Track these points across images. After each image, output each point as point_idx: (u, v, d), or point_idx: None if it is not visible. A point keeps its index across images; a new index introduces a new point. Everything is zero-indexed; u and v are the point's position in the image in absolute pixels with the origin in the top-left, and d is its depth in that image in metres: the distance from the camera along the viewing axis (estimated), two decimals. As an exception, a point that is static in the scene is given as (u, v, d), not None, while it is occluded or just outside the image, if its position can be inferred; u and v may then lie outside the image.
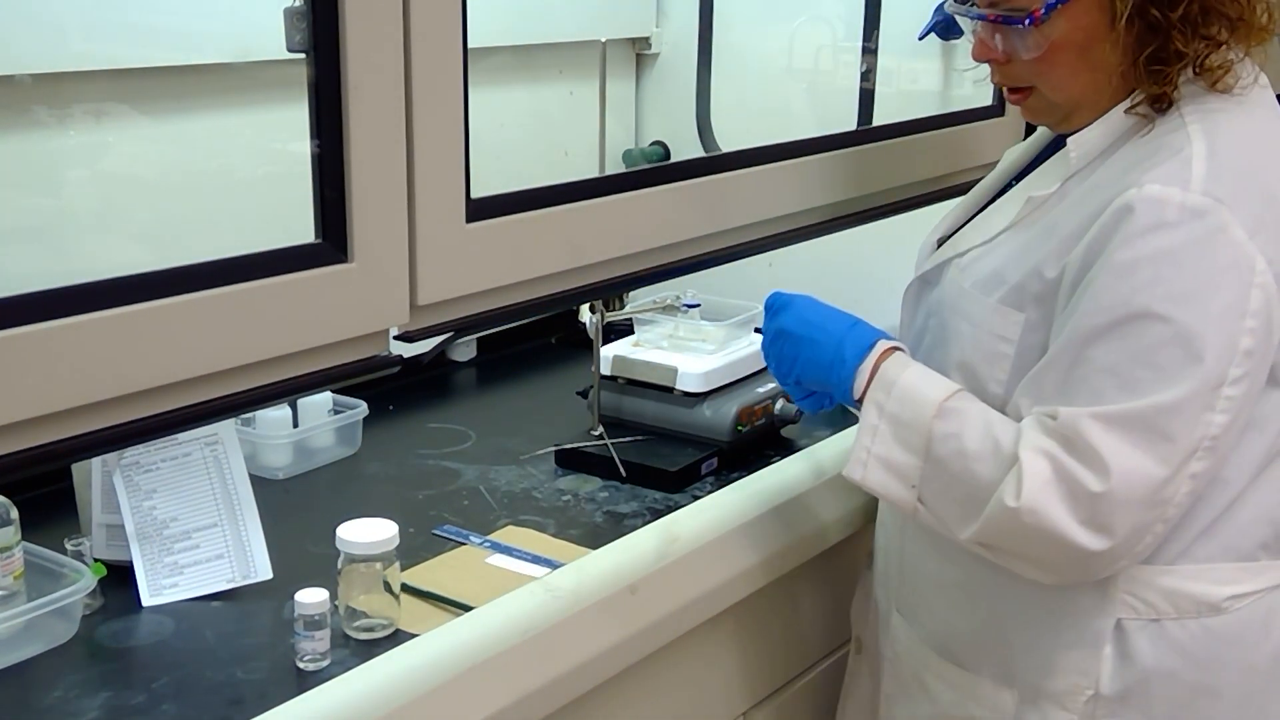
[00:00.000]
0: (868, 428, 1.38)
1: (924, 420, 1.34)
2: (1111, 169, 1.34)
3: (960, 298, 1.44)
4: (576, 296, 1.44)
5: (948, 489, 1.33)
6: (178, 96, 1.73)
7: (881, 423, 1.37)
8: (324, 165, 1.12)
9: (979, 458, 1.31)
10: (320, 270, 1.13)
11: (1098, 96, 1.37)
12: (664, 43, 2.48)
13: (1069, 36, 1.33)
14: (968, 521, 1.31)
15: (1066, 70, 1.35)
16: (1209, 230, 1.24)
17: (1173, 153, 1.28)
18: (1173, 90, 1.32)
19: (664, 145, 2.53)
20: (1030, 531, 1.26)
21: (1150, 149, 1.31)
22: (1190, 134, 1.30)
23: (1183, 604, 1.36)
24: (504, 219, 1.30)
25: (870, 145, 1.83)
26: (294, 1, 1.09)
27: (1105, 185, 1.32)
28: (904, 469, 1.36)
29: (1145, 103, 1.33)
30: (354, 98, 1.10)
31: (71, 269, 1.41)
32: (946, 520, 1.34)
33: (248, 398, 1.12)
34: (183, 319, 1.03)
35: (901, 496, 1.37)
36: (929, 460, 1.34)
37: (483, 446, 1.98)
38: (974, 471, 1.31)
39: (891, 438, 1.36)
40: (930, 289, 1.52)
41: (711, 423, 1.94)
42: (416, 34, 1.14)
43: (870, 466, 1.38)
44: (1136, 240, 1.25)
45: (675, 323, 2.08)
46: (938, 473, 1.34)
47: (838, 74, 2.31)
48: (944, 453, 1.33)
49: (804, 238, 1.75)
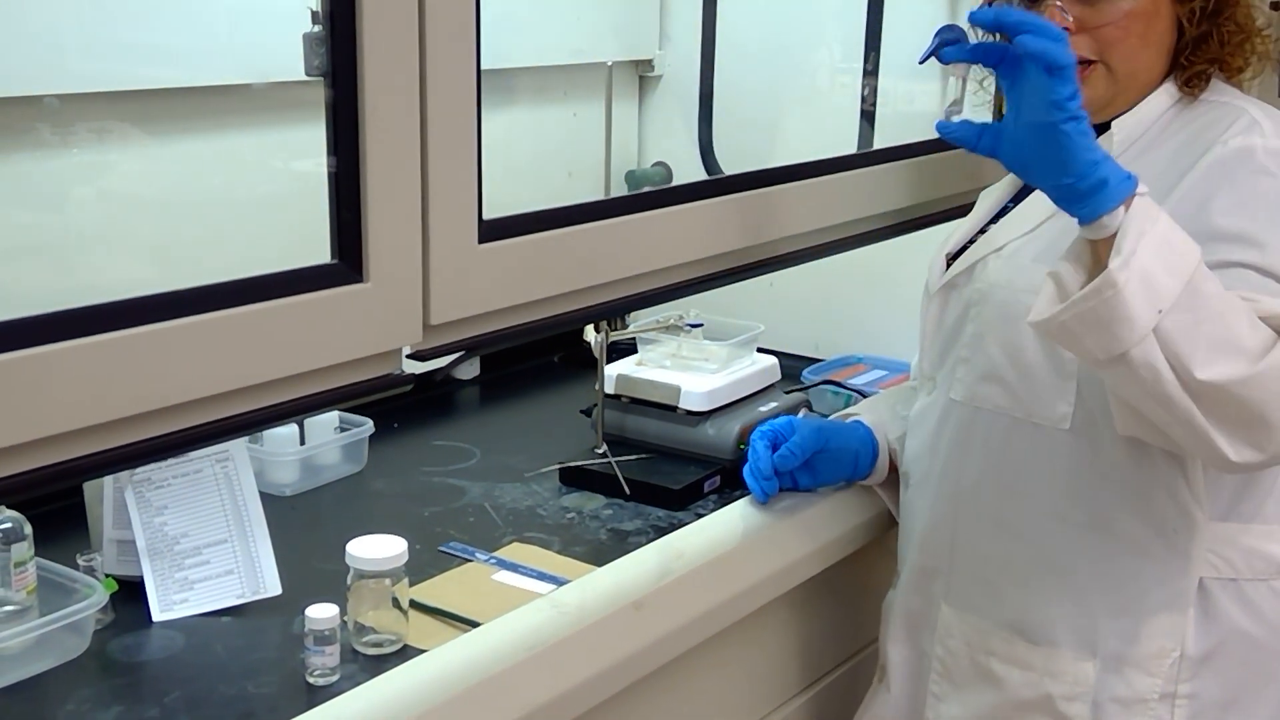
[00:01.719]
0: (1134, 231, 1.19)
1: (1193, 251, 1.23)
2: (1169, 144, 1.45)
3: (1018, 274, 1.47)
4: (587, 316, 1.46)
5: (1198, 325, 1.21)
6: (185, 117, 1.75)
7: (1152, 231, 1.20)
8: (341, 187, 1.14)
9: (1240, 307, 1.24)
10: (336, 290, 1.14)
11: (1150, 75, 1.48)
12: (667, 65, 2.50)
13: (1141, 4, 1.43)
14: (1214, 363, 1.21)
15: (1137, 41, 1.45)
16: None
17: (1235, 116, 1.42)
18: (1211, 71, 1.47)
19: (666, 166, 2.55)
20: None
21: (1207, 120, 1.44)
22: (1239, 105, 1.44)
23: (1257, 564, 1.42)
24: (516, 240, 1.32)
25: (873, 168, 1.85)
26: (313, 27, 1.11)
27: (1172, 154, 1.43)
28: (1160, 288, 1.19)
29: (1181, 85, 1.47)
30: (371, 121, 1.12)
31: (79, 285, 1.44)
32: (1185, 356, 1.20)
33: (261, 416, 1.13)
34: (199, 339, 1.05)
35: (1140, 317, 1.19)
36: (1188, 290, 1.20)
37: (487, 464, 2.00)
38: (1235, 313, 1.23)
39: (1156, 253, 1.20)
40: (959, 290, 1.57)
41: (714, 441, 1.96)
42: (432, 59, 1.16)
43: (1133, 269, 1.18)
44: (1246, 186, 1.35)
45: (678, 342, 2.10)
46: (1194, 304, 1.21)
47: (839, 95, 2.33)
48: (1208, 289, 1.22)
49: (810, 258, 1.77)
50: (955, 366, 1.56)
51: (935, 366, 1.61)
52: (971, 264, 1.55)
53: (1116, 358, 1.21)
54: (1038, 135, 1.21)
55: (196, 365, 1.05)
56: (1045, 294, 1.25)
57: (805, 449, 1.65)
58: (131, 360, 1.01)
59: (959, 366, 1.55)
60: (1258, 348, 1.22)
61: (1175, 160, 1.42)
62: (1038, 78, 1.19)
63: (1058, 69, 1.17)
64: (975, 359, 1.52)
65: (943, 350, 1.59)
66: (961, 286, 1.56)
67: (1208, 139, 1.41)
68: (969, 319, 1.54)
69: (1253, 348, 1.22)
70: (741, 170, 2.36)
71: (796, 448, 1.64)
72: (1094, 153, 1.20)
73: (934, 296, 1.61)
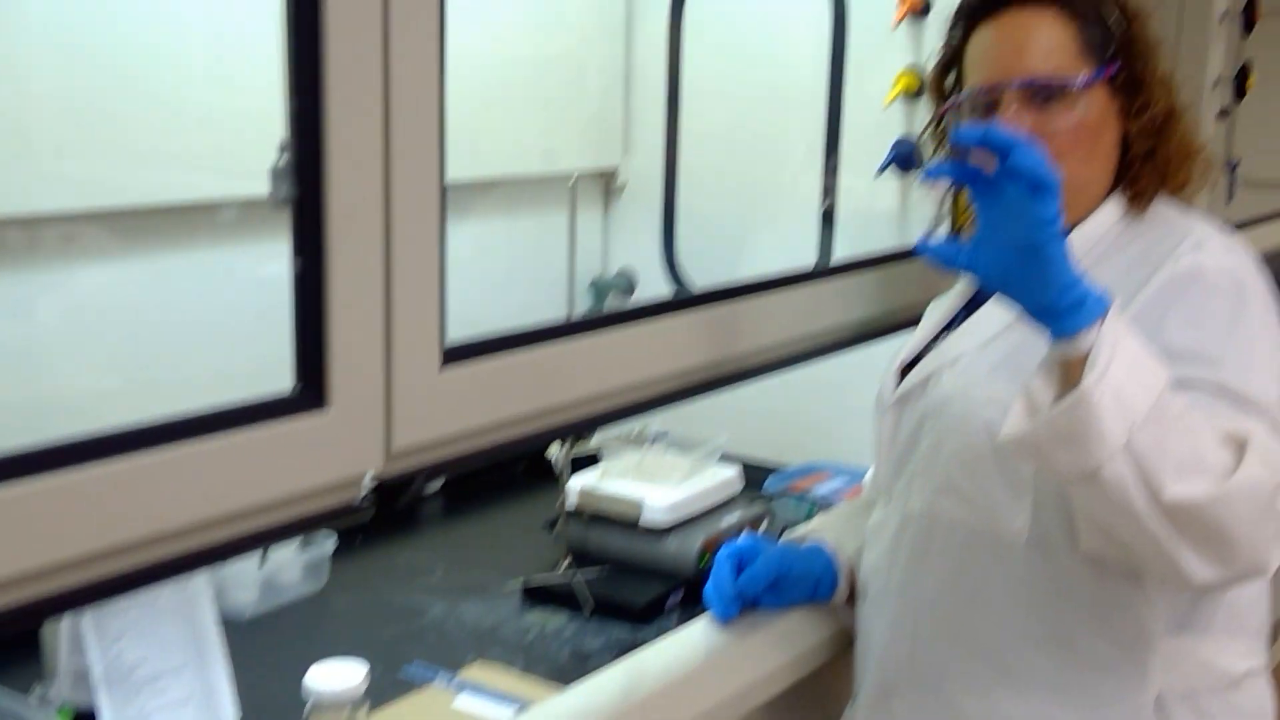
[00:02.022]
0: (1108, 346, 1.20)
1: (1161, 369, 1.24)
2: (1119, 259, 1.48)
3: (974, 386, 1.49)
4: (551, 435, 1.46)
5: (1167, 442, 1.22)
6: (156, 233, 1.75)
7: (1122, 347, 1.21)
8: (304, 315, 1.14)
9: (1204, 425, 1.25)
10: (297, 418, 1.14)
11: (1097, 188, 1.52)
12: (631, 173, 2.53)
13: (1091, 117, 1.48)
14: (1183, 481, 1.21)
15: (1085, 152, 1.49)
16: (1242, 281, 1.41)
17: (1183, 234, 1.46)
18: (1156, 189, 1.52)
19: (631, 274, 2.57)
20: (1259, 508, 1.23)
21: (1156, 237, 1.48)
22: (1185, 224, 1.49)
23: (1212, 677, 1.44)
24: (479, 362, 1.32)
25: (833, 280, 1.86)
26: (279, 157, 1.11)
27: (1123, 271, 1.45)
28: (1132, 405, 1.20)
29: (1128, 201, 1.52)
30: (335, 251, 1.12)
31: (43, 396, 1.42)
32: (1155, 473, 1.21)
33: (220, 550, 1.12)
34: (160, 474, 1.04)
35: (1112, 432, 1.20)
36: (1158, 407, 1.21)
37: (450, 580, 1.98)
38: (1201, 432, 1.24)
39: (1128, 370, 1.21)
40: (914, 402, 1.58)
41: (677, 556, 1.95)
42: (396, 191, 1.17)
43: (1107, 384, 1.19)
44: (1198, 304, 1.39)
45: (641, 455, 2.09)
46: (1163, 421, 1.21)
47: (800, 201, 2.35)
48: (1176, 407, 1.23)
49: (773, 371, 1.77)
50: (912, 479, 1.56)
51: (892, 479, 1.62)
52: (926, 376, 1.56)
53: (1088, 475, 1.21)
54: (1020, 254, 1.21)
55: (157, 500, 1.04)
56: (1016, 411, 1.25)
57: (768, 574, 1.64)
58: (89, 498, 1.00)
59: (916, 479, 1.55)
60: (1223, 466, 1.23)
61: (1127, 277, 1.44)
62: (1021, 197, 1.19)
63: (1044, 188, 1.18)
64: (932, 471, 1.53)
65: (899, 463, 1.59)
66: (916, 399, 1.57)
67: (1158, 257, 1.44)
68: (925, 431, 1.55)
69: (1219, 465, 1.23)
70: (705, 277, 2.42)
71: (760, 573, 1.63)
72: (1072, 271, 1.21)
73: (888, 410, 1.62)
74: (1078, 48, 1.49)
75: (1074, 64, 1.48)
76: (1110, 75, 1.49)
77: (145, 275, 1.76)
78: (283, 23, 1.10)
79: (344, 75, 1.11)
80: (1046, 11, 1.49)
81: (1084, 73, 1.47)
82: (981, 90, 1.50)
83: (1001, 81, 1.48)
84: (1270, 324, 1.41)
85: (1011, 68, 1.48)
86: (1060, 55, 1.48)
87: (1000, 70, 1.49)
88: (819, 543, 1.71)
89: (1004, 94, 1.47)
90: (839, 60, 2.19)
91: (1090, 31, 1.50)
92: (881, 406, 1.65)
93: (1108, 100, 1.50)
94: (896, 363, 1.66)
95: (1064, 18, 1.49)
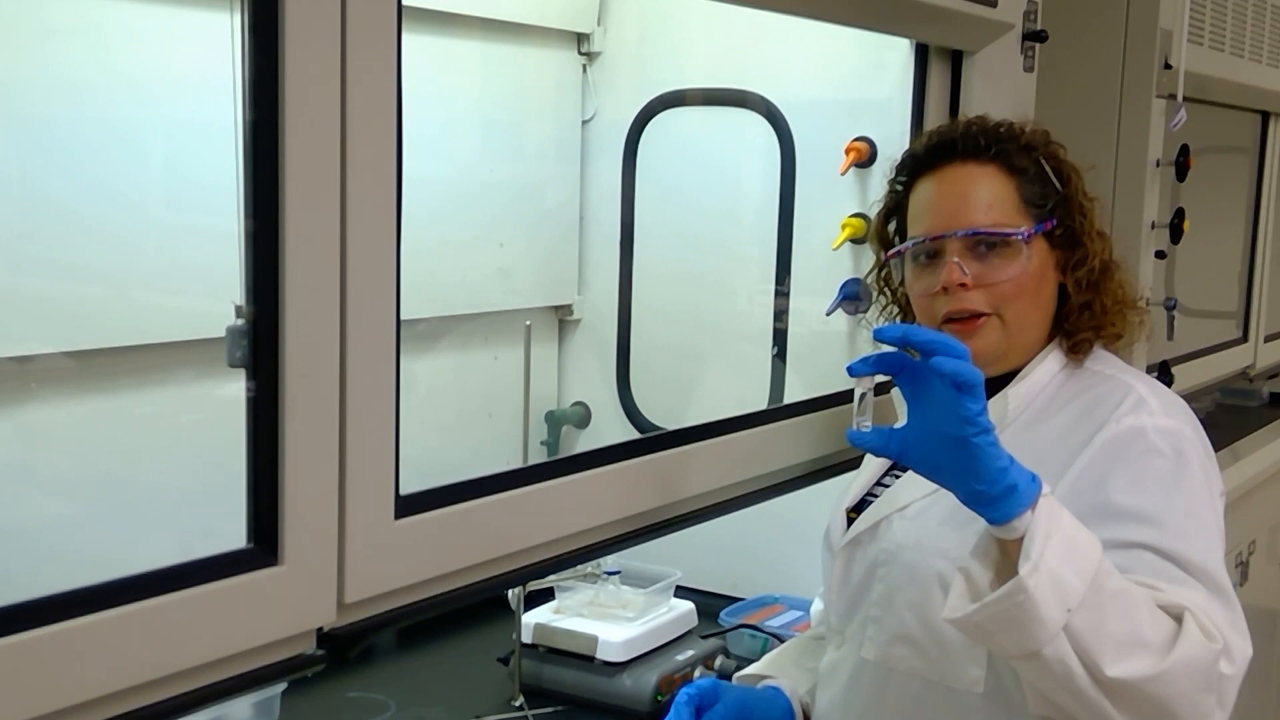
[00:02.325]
0: (1041, 534, 1.24)
1: (1095, 547, 1.27)
2: (1060, 415, 1.51)
3: (925, 536, 1.51)
4: (504, 583, 1.47)
5: (1105, 623, 1.25)
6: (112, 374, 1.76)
7: (1057, 533, 1.25)
8: (259, 473, 1.16)
9: (1141, 599, 1.28)
10: (250, 575, 1.15)
11: (1038, 334, 1.56)
12: (586, 309, 2.57)
13: (1031, 268, 1.53)
14: (1122, 660, 1.25)
15: (1029, 299, 1.53)
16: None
17: (1124, 393, 1.49)
18: (1093, 338, 1.56)
19: (585, 406, 2.60)
20: (1198, 682, 1.28)
21: (1096, 395, 1.51)
22: (1125, 381, 1.52)
23: None
24: (431, 514, 1.33)
25: (783, 422, 1.90)
26: (235, 321, 1.14)
27: (1065, 428, 1.49)
28: (1069, 589, 1.23)
29: (1067, 351, 1.56)
30: (290, 412, 1.15)
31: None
32: (1095, 653, 1.24)
33: (172, 706, 1.12)
34: (112, 633, 1.05)
35: (1050, 618, 1.23)
36: (1094, 588, 1.24)
37: (402, 718, 1.97)
38: (1138, 609, 1.27)
39: (1062, 555, 1.24)
40: (864, 547, 1.59)
41: (632, 693, 1.95)
42: (351, 344, 1.19)
43: (1042, 573, 1.22)
44: (1140, 466, 1.42)
45: (596, 590, 2.11)
46: (1100, 603, 1.25)
47: (752, 336, 2.40)
48: (1112, 585, 1.26)
49: (725, 511, 1.80)
50: (865, 625, 1.58)
51: (844, 621, 1.63)
52: (876, 522, 1.58)
53: (1029, 655, 1.25)
54: (947, 445, 1.25)
55: (110, 659, 1.05)
56: (956, 590, 1.29)
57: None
58: (41, 659, 1.00)
59: (869, 625, 1.57)
60: (1162, 642, 1.26)
61: (1068, 435, 1.48)
62: (947, 392, 1.23)
63: (967, 386, 1.23)
64: (886, 619, 1.55)
65: (850, 606, 1.60)
66: (866, 544, 1.59)
67: (1100, 415, 1.47)
68: (877, 578, 1.57)
69: (1157, 642, 1.26)
70: (659, 411, 2.45)
71: (721, 717, 1.63)
72: (1002, 460, 1.24)
73: (839, 552, 1.64)
74: (1018, 202, 1.55)
75: (1015, 218, 1.54)
76: (1049, 229, 1.55)
77: (106, 414, 1.77)
78: (241, 171, 1.13)
79: (301, 225, 1.14)
80: (989, 166, 1.56)
81: (1025, 226, 1.53)
82: (926, 239, 1.55)
83: (946, 232, 1.53)
84: (1209, 484, 1.45)
85: (955, 219, 1.54)
86: (1002, 209, 1.54)
87: (944, 221, 1.55)
88: (775, 685, 1.71)
89: (947, 244, 1.53)
90: (788, 201, 2.26)
91: (1030, 188, 1.56)
92: (831, 548, 1.67)
93: (1047, 253, 1.56)
94: (844, 504, 1.68)
95: (1005, 173, 1.56)
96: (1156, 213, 2.45)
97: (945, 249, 1.54)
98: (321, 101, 1.14)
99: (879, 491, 1.64)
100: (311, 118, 1.13)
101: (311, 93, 1.13)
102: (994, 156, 1.56)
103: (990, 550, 1.29)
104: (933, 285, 1.54)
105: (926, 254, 1.57)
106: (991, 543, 1.28)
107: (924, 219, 1.58)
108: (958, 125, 1.63)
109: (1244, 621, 1.36)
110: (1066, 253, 1.57)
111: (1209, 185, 2.77)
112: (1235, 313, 3.22)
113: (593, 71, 2.46)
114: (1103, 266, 1.58)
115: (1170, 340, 2.53)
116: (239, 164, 1.13)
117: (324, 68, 1.14)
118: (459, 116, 2.24)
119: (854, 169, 2.15)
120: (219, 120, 1.16)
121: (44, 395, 1.69)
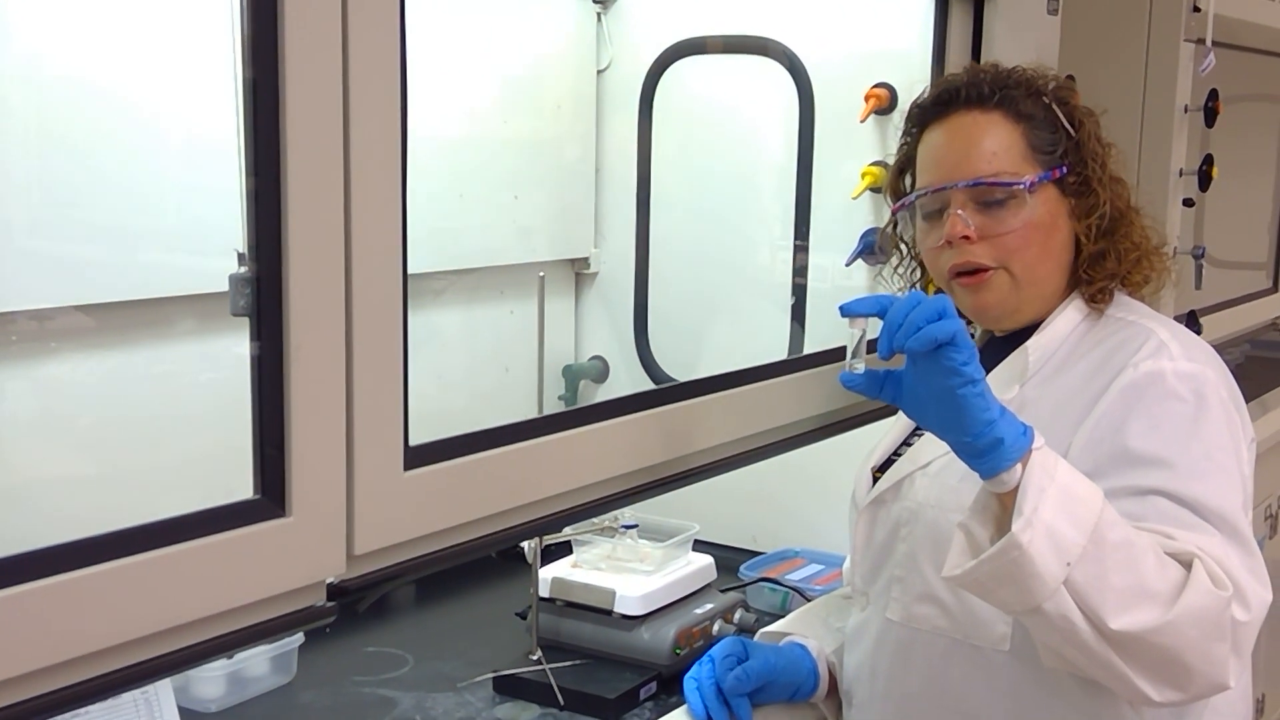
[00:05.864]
0: (1034, 489, 1.23)
1: (1096, 497, 1.26)
2: (1080, 364, 1.48)
3: (946, 494, 1.50)
4: (516, 535, 1.46)
5: (1107, 575, 1.23)
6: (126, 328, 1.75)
7: (1052, 486, 1.24)
8: (264, 423, 1.15)
9: (1147, 548, 1.26)
10: (258, 526, 1.14)
11: (1052, 285, 1.52)
12: (602, 262, 2.55)
13: (1040, 217, 1.49)
14: (1127, 611, 1.23)
15: (1037, 250, 1.49)
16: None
17: (1144, 337, 1.46)
18: (1113, 286, 1.51)
19: (603, 360, 2.58)
20: (1208, 630, 1.26)
21: (1117, 341, 1.48)
22: (1147, 326, 1.48)
23: None
24: (442, 464, 1.32)
25: (800, 373, 1.88)
26: (239, 268, 1.13)
27: (1085, 376, 1.46)
28: (1067, 543, 1.22)
29: (1088, 300, 1.52)
30: (295, 361, 1.13)
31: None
32: (1097, 606, 1.23)
33: (182, 657, 1.12)
34: (121, 583, 1.04)
35: (1048, 572, 1.22)
36: (1094, 540, 1.23)
37: (420, 672, 1.96)
38: (1143, 558, 1.25)
39: (1058, 507, 1.23)
40: (888, 506, 1.58)
41: (650, 646, 1.94)
42: (357, 294, 1.18)
43: (1036, 527, 1.21)
44: (1157, 410, 1.39)
45: (613, 544, 2.09)
46: (1101, 555, 1.23)
47: (771, 287, 2.37)
48: (1114, 536, 1.24)
49: (739, 465, 1.78)
50: (890, 585, 1.56)
51: (868, 581, 1.62)
52: (898, 480, 1.56)
53: (1031, 610, 1.24)
54: (935, 395, 1.25)
55: (118, 610, 1.04)
56: (956, 547, 1.28)
57: (757, 680, 1.60)
58: (50, 609, 1.00)
59: (894, 585, 1.55)
60: (1168, 591, 1.24)
61: (1088, 382, 1.45)
62: (929, 351, 1.23)
63: (947, 343, 1.21)
64: (910, 579, 1.53)
65: (874, 566, 1.59)
66: (890, 503, 1.57)
67: (1119, 361, 1.44)
68: (900, 538, 1.55)
69: (1164, 592, 1.24)
70: (676, 363, 2.43)
71: (749, 677, 1.59)
72: (989, 412, 1.23)
73: (863, 512, 1.62)
74: (1025, 149, 1.51)
75: (1021, 166, 1.50)
76: (1058, 177, 1.51)
77: (119, 367, 1.76)
78: (241, 121, 1.11)
79: (304, 181, 1.12)
80: (994, 113, 1.52)
81: (1031, 175, 1.49)
82: (928, 191, 1.52)
83: (948, 183, 1.50)
84: (1232, 429, 1.41)
85: (958, 170, 1.50)
86: (1007, 157, 1.50)
87: (947, 172, 1.51)
88: (801, 643, 1.70)
89: (951, 195, 1.50)
90: (807, 151, 2.22)
91: (1038, 134, 1.52)
92: (855, 508, 1.65)
93: (1057, 201, 1.51)
94: (869, 464, 1.66)
95: (1011, 120, 1.52)
96: (1185, 159, 2.40)
97: (950, 201, 1.50)
98: (323, 48, 1.12)
99: (904, 450, 1.62)
100: (313, 65, 1.11)
101: (312, 34, 1.11)
102: (999, 103, 1.52)
103: (990, 505, 1.27)
104: (939, 239, 1.51)
105: (934, 207, 1.54)
106: (990, 498, 1.27)
107: (930, 170, 1.56)
108: (964, 73, 1.60)
109: (1263, 567, 1.33)
110: (1079, 200, 1.53)
111: (1239, 134, 2.72)
112: (1265, 263, 3.18)
113: (607, 20, 2.43)
114: (1117, 213, 1.54)
115: (1198, 289, 2.49)
116: (239, 117, 1.11)
117: (325, 18, 1.11)
118: (471, 69, 2.21)
119: (874, 116, 2.11)
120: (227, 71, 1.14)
121: (63, 353, 1.68)
